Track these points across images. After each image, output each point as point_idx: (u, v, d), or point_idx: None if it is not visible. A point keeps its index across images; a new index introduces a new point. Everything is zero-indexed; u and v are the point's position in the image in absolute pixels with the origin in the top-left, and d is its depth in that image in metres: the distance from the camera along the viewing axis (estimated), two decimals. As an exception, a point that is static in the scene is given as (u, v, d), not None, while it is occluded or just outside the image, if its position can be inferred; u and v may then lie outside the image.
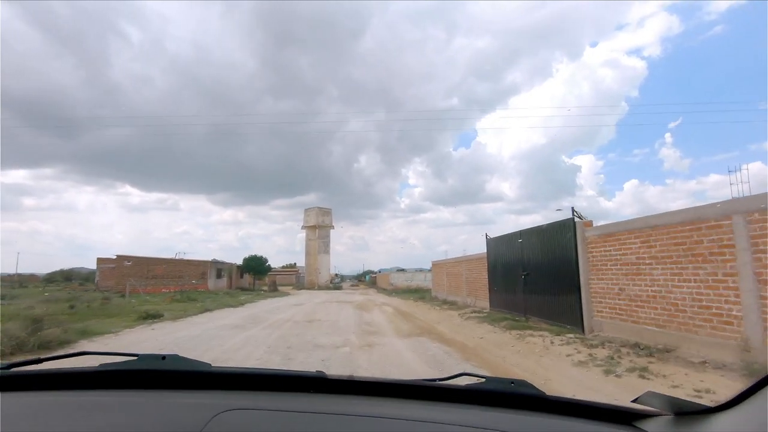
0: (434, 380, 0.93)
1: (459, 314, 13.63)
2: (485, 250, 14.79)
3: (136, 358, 0.92)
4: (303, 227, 57.02)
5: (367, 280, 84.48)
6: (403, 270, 51.06)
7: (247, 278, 38.35)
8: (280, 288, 44.30)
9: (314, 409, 0.78)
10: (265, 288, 36.36)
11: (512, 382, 0.89)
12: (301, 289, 50.13)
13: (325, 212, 56.92)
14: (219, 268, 32.44)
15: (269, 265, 38.68)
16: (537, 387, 0.91)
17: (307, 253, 55.88)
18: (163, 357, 0.91)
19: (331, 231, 57.63)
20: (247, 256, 37.23)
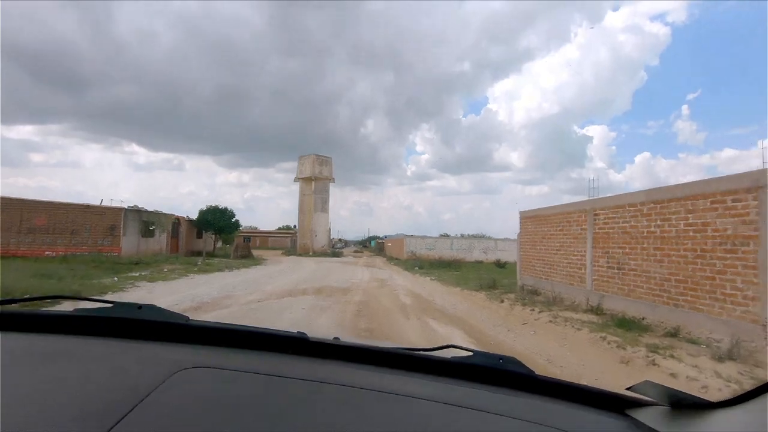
0: (420, 349, 0.88)
1: None
2: None
3: (111, 305, 0.86)
4: (296, 179, 44.34)
5: (372, 246, 73.13)
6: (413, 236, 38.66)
7: (210, 239, 26.16)
8: (259, 253, 32.33)
9: (290, 374, 0.73)
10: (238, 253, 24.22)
11: (501, 359, 0.84)
12: (290, 255, 38.18)
13: (324, 161, 44.05)
14: (145, 220, 20.04)
15: (237, 220, 26.20)
16: (526, 365, 0.83)
17: (301, 211, 43.51)
18: (140, 306, 0.85)
19: (331, 186, 44.97)
20: (204, 208, 24.71)
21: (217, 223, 24.49)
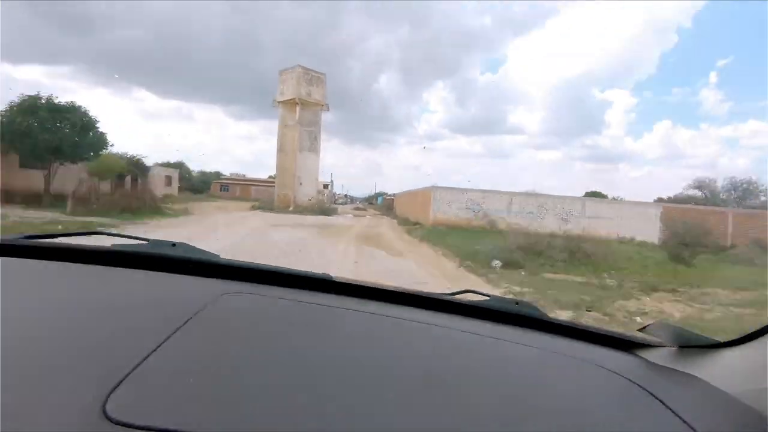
0: (441, 293, 0.89)
1: None
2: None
3: (147, 242, 0.88)
4: (275, 102, 30.46)
5: (378, 203, 60.24)
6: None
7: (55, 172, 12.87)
8: (212, 208, 19.80)
9: (319, 302, 0.75)
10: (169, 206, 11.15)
11: (517, 303, 0.86)
12: (260, 209, 25.41)
13: (314, 79, 29.95)
14: None
15: (103, 135, 12.70)
16: (540, 309, 0.85)
17: (280, 149, 30.12)
18: (174, 244, 0.86)
19: (324, 117, 31.21)
20: (17, 101, 11.06)
21: (45, 135, 11.05)
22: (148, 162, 29.45)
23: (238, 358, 0.52)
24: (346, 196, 69.08)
